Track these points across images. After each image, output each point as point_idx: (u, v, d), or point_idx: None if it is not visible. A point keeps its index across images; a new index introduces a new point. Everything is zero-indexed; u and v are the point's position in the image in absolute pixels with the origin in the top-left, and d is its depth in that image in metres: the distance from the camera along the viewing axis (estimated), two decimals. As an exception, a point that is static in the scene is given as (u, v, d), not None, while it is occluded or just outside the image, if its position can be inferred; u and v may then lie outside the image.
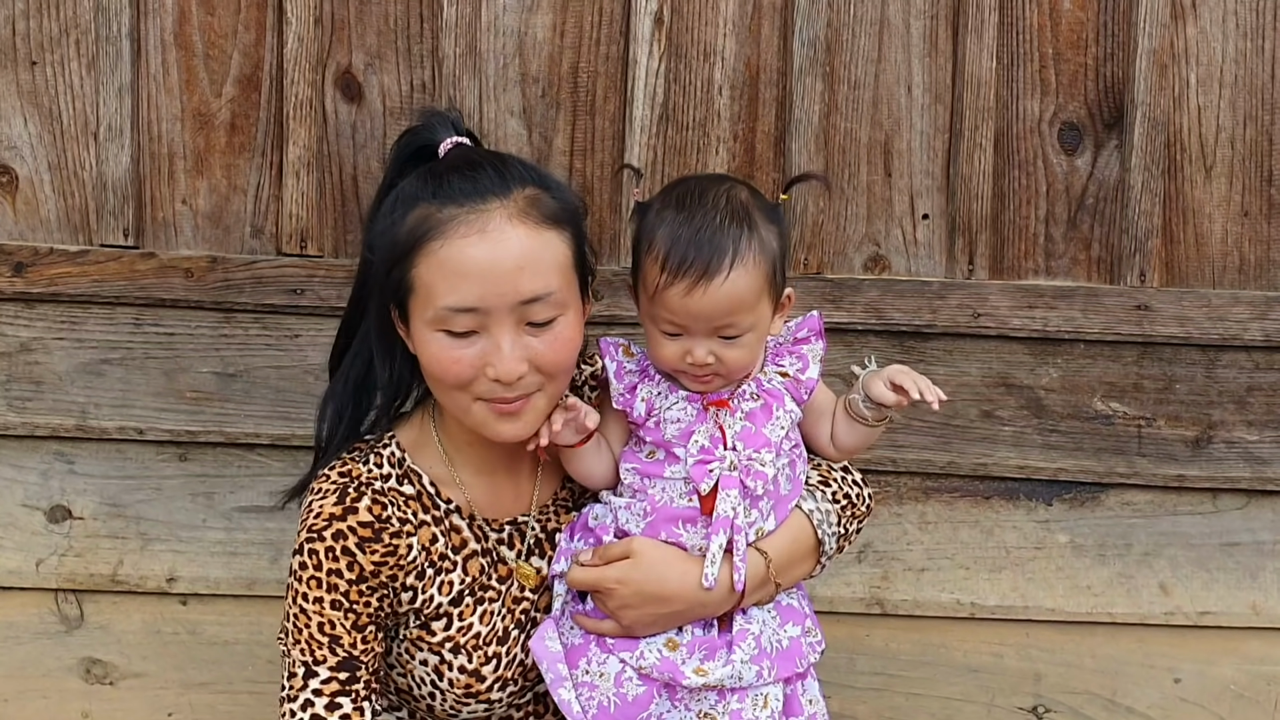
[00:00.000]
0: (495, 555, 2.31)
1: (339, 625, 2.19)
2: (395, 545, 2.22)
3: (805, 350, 2.30)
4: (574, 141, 2.88)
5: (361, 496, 2.22)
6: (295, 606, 2.21)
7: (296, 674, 2.20)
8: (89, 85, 2.86)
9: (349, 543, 2.19)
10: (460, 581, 2.27)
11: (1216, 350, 2.91)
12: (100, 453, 2.92)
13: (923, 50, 2.87)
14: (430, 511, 2.28)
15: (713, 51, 2.86)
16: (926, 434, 2.93)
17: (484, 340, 2.16)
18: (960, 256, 2.90)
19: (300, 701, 2.19)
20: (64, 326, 2.88)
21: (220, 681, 2.95)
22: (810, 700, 2.31)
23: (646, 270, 2.18)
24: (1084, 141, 2.89)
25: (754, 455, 2.21)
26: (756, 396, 2.25)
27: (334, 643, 2.19)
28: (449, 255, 2.14)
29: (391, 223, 2.19)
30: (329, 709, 2.18)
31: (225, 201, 2.88)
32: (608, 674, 2.21)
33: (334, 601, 2.19)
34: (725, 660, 2.20)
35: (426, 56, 2.86)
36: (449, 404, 2.23)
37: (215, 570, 2.92)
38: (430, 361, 2.19)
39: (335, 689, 2.19)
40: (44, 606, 2.93)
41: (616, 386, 2.26)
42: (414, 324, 2.20)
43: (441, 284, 2.14)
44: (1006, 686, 2.97)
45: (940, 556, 2.96)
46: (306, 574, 2.19)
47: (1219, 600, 2.95)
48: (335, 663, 2.19)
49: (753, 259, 2.16)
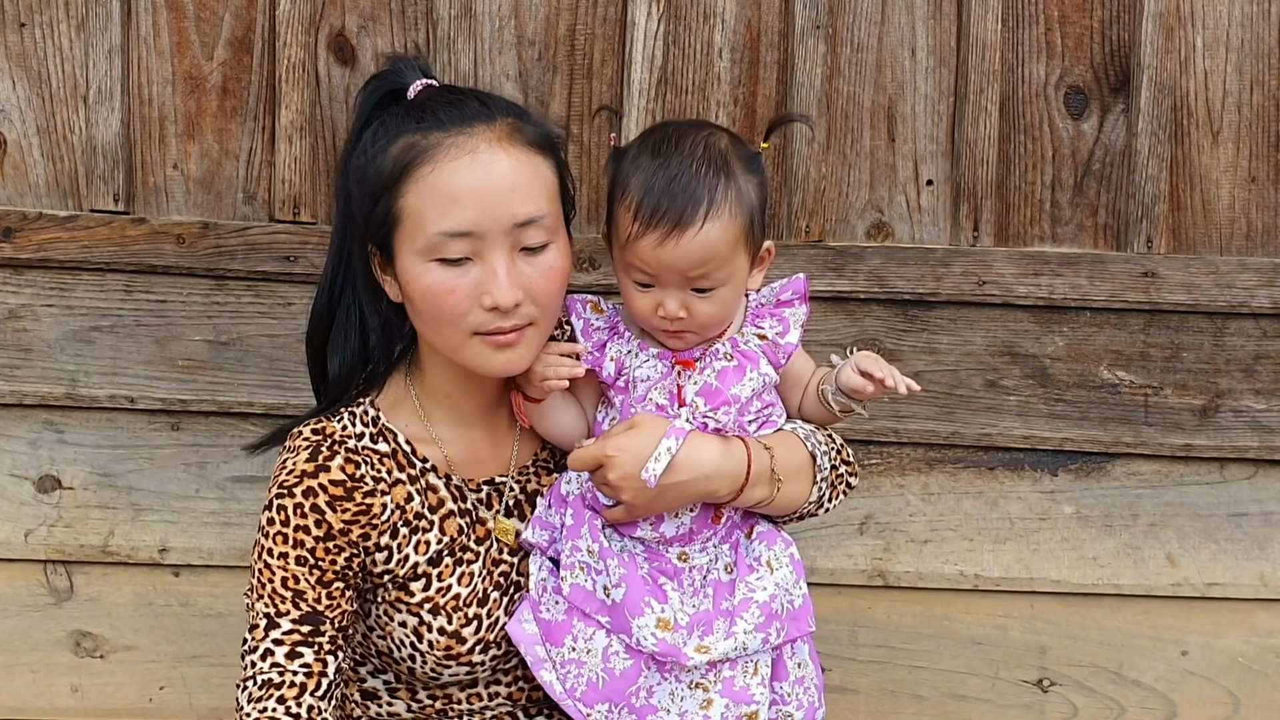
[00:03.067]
0: (474, 516, 2.28)
1: (303, 580, 2.17)
2: (368, 504, 2.19)
3: (787, 314, 2.26)
4: (571, 105, 2.84)
5: (335, 455, 2.19)
6: (260, 561, 2.19)
7: (259, 625, 2.18)
8: (78, 47, 2.82)
9: (319, 500, 2.17)
10: (438, 541, 2.24)
11: (1224, 318, 2.88)
12: (90, 422, 2.88)
13: (926, 12, 2.83)
14: (405, 470, 2.25)
15: (713, 13, 2.82)
16: (930, 404, 2.90)
17: (478, 269, 2.13)
18: (965, 223, 2.86)
19: (260, 651, 2.17)
20: (53, 293, 2.85)
21: (213, 654, 2.92)
22: (799, 664, 2.26)
23: (619, 219, 2.15)
24: (1090, 106, 2.86)
25: (710, 413, 2.18)
26: (731, 357, 2.21)
27: (298, 597, 2.17)
28: (440, 179, 2.11)
29: (373, 156, 2.16)
30: (289, 657, 2.17)
31: (217, 166, 2.84)
32: (595, 649, 2.17)
33: (299, 558, 2.17)
34: (726, 633, 2.15)
35: (421, 18, 2.82)
36: (441, 342, 2.19)
37: (208, 541, 2.88)
38: (423, 295, 2.15)
39: (297, 639, 2.17)
40: (33, 578, 2.90)
41: (584, 344, 2.23)
42: (401, 259, 2.16)
43: (433, 210, 2.11)
44: (1011, 659, 2.95)
45: (944, 528, 2.93)
46: (274, 529, 2.18)
47: (1226, 571, 2.92)
48: (298, 616, 2.17)
49: (729, 209, 2.12)
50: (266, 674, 2.16)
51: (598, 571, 2.19)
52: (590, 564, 2.20)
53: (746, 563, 2.21)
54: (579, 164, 2.85)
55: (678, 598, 2.18)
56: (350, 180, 2.21)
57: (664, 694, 2.17)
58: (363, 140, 2.20)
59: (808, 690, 2.25)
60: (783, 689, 2.22)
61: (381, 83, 2.26)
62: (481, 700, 2.32)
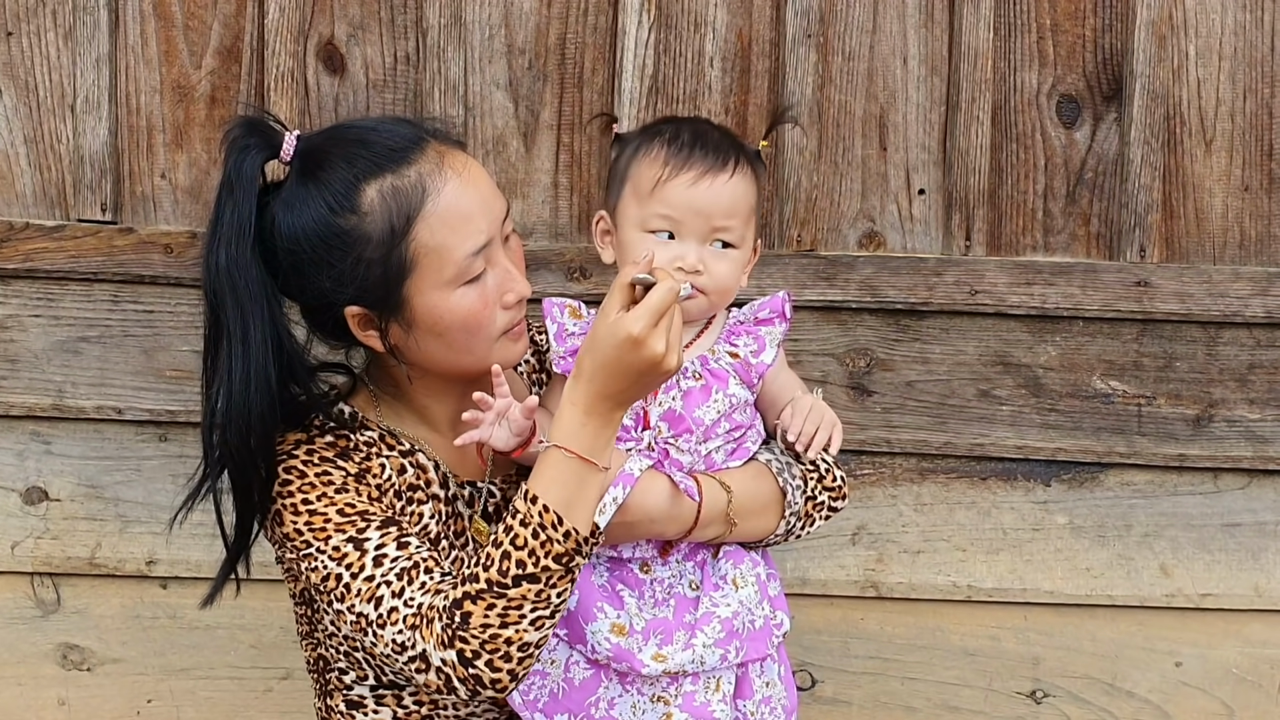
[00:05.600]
0: (454, 508, 2.24)
1: (357, 501, 2.06)
2: (368, 466, 2.13)
3: (763, 332, 2.22)
4: (561, 115, 2.83)
5: (322, 434, 2.14)
6: (301, 519, 2.04)
7: (357, 574, 2.01)
8: (66, 56, 2.81)
9: (326, 454, 2.10)
10: (434, 520, 2.19)
11: (1217, 327, 2.87)
12: (78, 433, 2.87)
13: (918, 20, 2.82)
14: (396, 448, 2.19)
15: (703, 22, 2.81)
16: (922, 414, 2.89)
17: (491, 274, 2.11)
18: (957, 232, 2.85)
19: (364, 574, 1.99)
20: (40, 303, 2.83)
21: (201, 667, 2.90)
22: (767, 683, 2.21)
23: (642, 172, 2.14)
24: (1082, 114, 2.85)
25: (671, 440, 2.15)
26: (699, 376, 2.17)
27: (363, 516, 2.05)
28: (449, 206, 2.07)
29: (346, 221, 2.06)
30: (400, 546, 2.01)
31: (205, 176, 2.83)
32: (558, 660, 2.16)
33: (340, 487, 2.07)
34: (685, 644, 2.13)
35: (410, 27, 2.81)
36: (469, 358, 2.13)
37: (196, 553, 2.86)
38: (460, 321, 2.09)
39: (395, 536, 2.03)
40: (19, 591, 2.89)
41: (557, 349, 2.19)
42: (421, 299, 2.08)
43: (452, 237, 2.07)
44: (1004, 670, 2.93)
45: (936, 538, 2.91)
46: (295, 488, 2.06)
47: (1220, 582, 2.91)
48: (379, 522, 2.05)
49: (749, 174, 2.17)
50: (398, 569, 2.00)
51: None
52: None
53: (713, 580, 2.18)
54: (570, 172, 2.84)
55: (635, 604, 2.16)
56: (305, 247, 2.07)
57: (625, 706, 2.15)
58: (276, 212, 2.08)
59: (774, 711, 2.21)
60: (746, 707, 2.19)
61: (251, 161, 2.08)
62: (468, 706, 2.30)
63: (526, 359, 2.40)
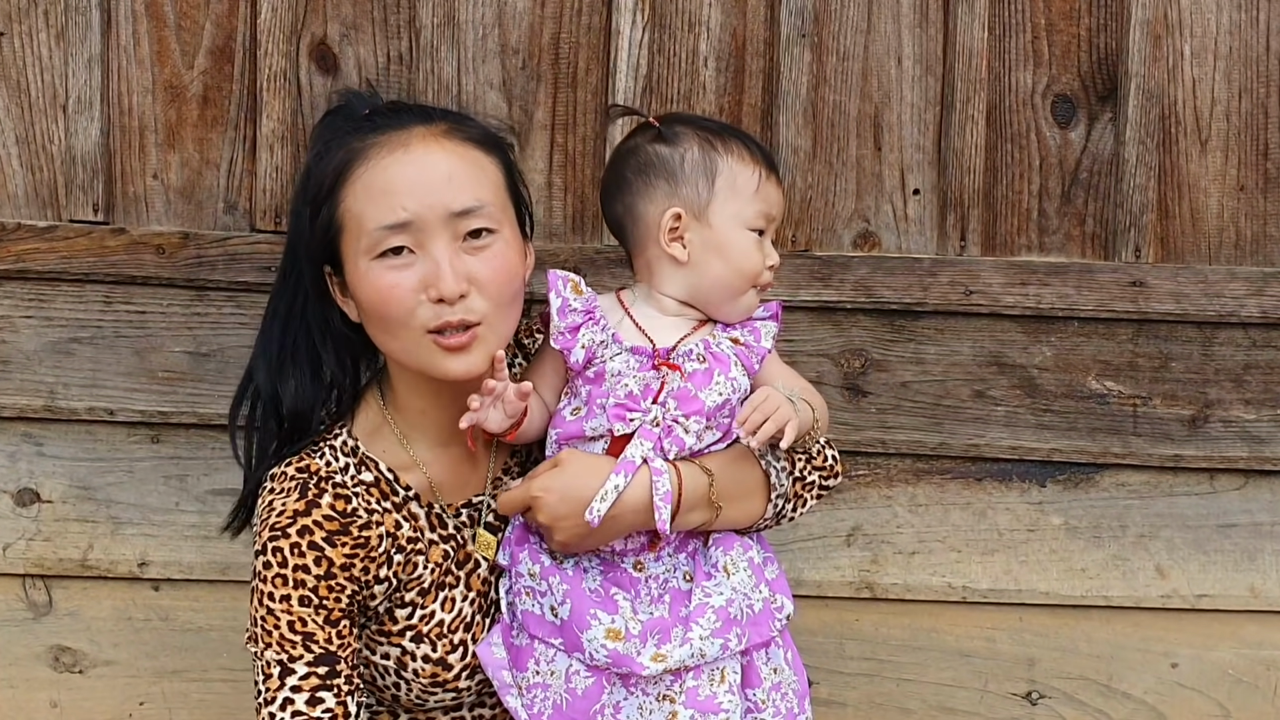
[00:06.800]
0: (456, 541, 2.25)
1: (310, 622, 2.11)
2: (365, 537, 2.16)
3: (758, 324, 2.27)
4: (555, 115, 2.83)
5: (324, 492, 2.16)
6: (263, 608, 2.12)
7: (272, 674, 2.11)
8: (58, 56, 2.80)
9: (316, 537, 2.12)
10: (428, 570, 2.21)
11: (1213, 327, 2.87)
12: (69, 434, 2.86)
13: (913, 20, 2.81)
14: (390, 498, 2.22)
15: (697, 21, 2.81)
16: (917, 415, 2.88)
17: (421, 262, 2.12)
18: (952, 232, 2.85)
19: (279, 702, 2.10)
20: (32, 304, 2.82)
21: (194, 669, 2.89)
22: (775, 669, 2.22)
23: (735, 168, 2.20)
24: (1077, 114, 2.84)
25: (680, 419, 2.14)
26: (702, 359, 2.19)
27: (308, 640, 2.11)
28: (375, 176, 2.12)
29: (317, 170, 2.18)
30: (311, 704, 2.10)
31: (197, 176, 2.82)
32: (558, 671, 2.15)
33: (302, 598, 2.11)
34: (682, 640, 2.12)
35: (404, 27, 2.80)
36: (398, 347, 2.16)
37: (188, 555, 2.86)
38: (371, 298, 2.13)
39: (315, 684, 2.11)
40: (11, 593, 2.88)
41: (558, 324, 2.18)
42: (350, 267, 2.15)
43: (370, 207, 2.12)
44: (1000, 672, 2.92)
45: (931, 539, 2.91)
46: (271, 573, 2.12)
47: (1216, 583, 2.90)
48: (312, 659, 2.11)
49: None
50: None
51: (542, 594, 2.17)
52: (534, 587, 2.18)
53: (704, 570, 2.18)
54: (564, 172, 2.83)
55: (629, 607, 2.15)
56: (300, 202, 2.21)
57: (631, 709, 2.15)
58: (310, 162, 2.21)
59: (786, 696, 2.22)
60: (756, 696, 2.19)
61: (334, 115, 2.27)
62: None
63: (521, 362, 2.40)
